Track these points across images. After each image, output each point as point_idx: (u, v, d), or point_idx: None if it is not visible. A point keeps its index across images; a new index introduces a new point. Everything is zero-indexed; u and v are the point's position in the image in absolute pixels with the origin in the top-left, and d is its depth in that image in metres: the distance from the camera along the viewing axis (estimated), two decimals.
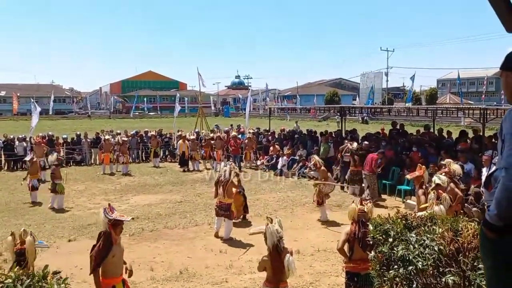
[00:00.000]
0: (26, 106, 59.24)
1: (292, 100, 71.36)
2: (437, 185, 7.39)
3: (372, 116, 44.21)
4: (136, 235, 9.72)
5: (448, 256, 3.44)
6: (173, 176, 17.45)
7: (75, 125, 46.25)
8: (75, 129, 31.88)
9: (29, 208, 12.25)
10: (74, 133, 23.91)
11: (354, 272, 5.46)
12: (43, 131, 24.32)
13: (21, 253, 4.54)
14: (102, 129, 24.63)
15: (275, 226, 5.02)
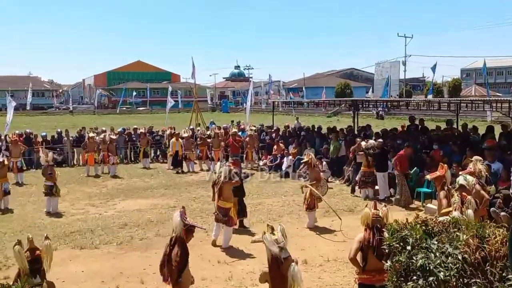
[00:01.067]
0: (1, 100, 59.42)
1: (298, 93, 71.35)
2: (461, 186, 7.39)
3: (388, 110, 44.20)
4: (125, 244, 9.77)
5: (474, 265, 3.44)
6: (165, 178, 17.50)
7: (55, 122, 46.38)
8: (56, 126, 31.98)
9: (2, 216, 12.31)
10: (54, 130, 24.03)
11: (368, 284, 5.47)
12: (19, 128, 24.39)
13: (35, 261, 4.61)
14: (85, 126, 24.69)
15: (273, 236, 5.04)
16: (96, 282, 7.82)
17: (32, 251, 4.72)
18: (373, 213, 5.64)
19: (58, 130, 22.83)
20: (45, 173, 12.71)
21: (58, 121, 49.11)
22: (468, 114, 31.70)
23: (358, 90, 75.67)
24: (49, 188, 12.48)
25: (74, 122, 45.45)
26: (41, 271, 4.65)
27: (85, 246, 9.61)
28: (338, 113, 51.34)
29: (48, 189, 12.49)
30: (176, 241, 5.35)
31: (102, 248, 9.54)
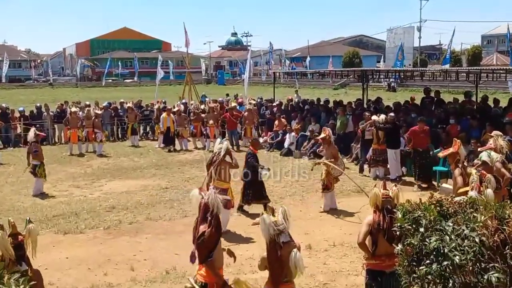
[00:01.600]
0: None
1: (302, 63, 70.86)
2: (483, 163, 7.36)
3: (400, 82, 44.00)
4: (112, 229, 9.85)
5: (492, 249, 3.47)
6: (156, 157, 17.54)
7: (34, 95, 46.21)
8: (34, 101, 31.85)
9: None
10: (33, 105, 23.92)
11: (378, 270, 5.52)
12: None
13: (19, 247, 4.64)
14: (67, 100, 24.60)
15: (273, 218, 5.06)
16: (81, 269, 7.91)
17: (15, 237, 4.74)
18: (383, 194, 5.66)
19: (37, 104, 22.76)
20: (30, 151, 12.69)
21: (37, 94, 48.94)
22: (488, 85, 31.55)
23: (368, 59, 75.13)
24: (33, 168, 12.52)
25: (54, 95, 45.29)
26: (26, 258, 4.68)
27: (69, 231, 9.69)
28: (346, 85, 51.15)
29: (32, 168, 12.55)
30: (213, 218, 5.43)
31: (87, 233, 9.62)
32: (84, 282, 7.39)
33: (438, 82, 26.98)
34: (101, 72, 74.52)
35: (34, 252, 4.78)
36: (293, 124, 18.61)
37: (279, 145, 18.12)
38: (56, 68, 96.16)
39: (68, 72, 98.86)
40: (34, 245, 4.79)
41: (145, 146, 19.56)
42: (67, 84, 70.64)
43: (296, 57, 78.97)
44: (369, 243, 5.60)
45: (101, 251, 8.68)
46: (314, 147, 16.65)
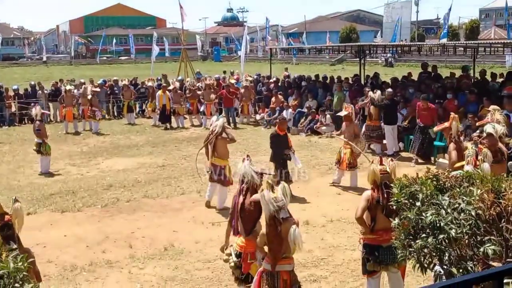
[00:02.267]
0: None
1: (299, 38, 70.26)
2: (488, 135, 7.32)
3: (398, 56, 43.79)
4: (110, 207, 9.89)
5: (488, 222, 3.50)
6: (152, 135, 17.52)
7: (28, 74, 45.84)
8: (29, 79, 31.66)
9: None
10: (27, 83, 23.76)
11: (375, 244, 5.58)
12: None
13: (6, 226, 4.65)
14: (62, 79, 24.44)
15: (273, 194, 5.08)
16: (80, 247, 7.96)
17: (2, 216, 4.73)
18: (381, 170, 5.68)
19: (31, 82, 22.61)
20: (34, 129, 12.74)
21: (31, 72, 48.54)
22: (486, 59, 31.44)
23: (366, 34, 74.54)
24: (38, 146, 12.54)
25: (48, 73, 44.96)
26: (15, 237, 4.69)
27: (67, 209, 9.73)
28: (343, 60, 50.86)
29: (37, 146, 12.57)
30: (248, 190, 5.63)
31: (85, 211, 9.66)
32: (82, 260, 7.45)
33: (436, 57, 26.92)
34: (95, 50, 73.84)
35: (19, 230, 4.78)
36: (290, 100, 18.54)
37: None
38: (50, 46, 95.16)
39: (62, 49, 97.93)
40: (20, 224, 4.79)
41: (141, 124, 19.51)
42: (61, 62, 70.04)
43: (293, 33, 78.32)
44: (367, 218, 5.64)
45: (99, 229, 8.73)
46: (311, 123, 16.65)
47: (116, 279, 6.89)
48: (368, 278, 5.79)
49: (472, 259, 3.50)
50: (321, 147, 14.84)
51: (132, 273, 7.04)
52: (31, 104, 20.53)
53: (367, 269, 5.69)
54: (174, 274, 6.97)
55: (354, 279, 6.61)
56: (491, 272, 1.96)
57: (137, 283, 6.76)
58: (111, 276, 6.99)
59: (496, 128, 7.45)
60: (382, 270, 5.69)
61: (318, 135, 16.20)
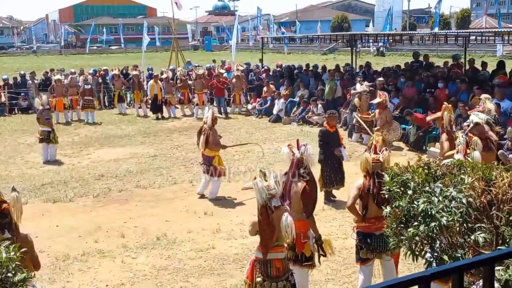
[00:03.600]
0: None
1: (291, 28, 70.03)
2: (476, 125, 7.39)
3: (389, 46, 43.77)
4: (102, 197, 9.87)
5: (479, 209, 3.53)
6: (144, 124, 17.45)
7: (17, 63, 45.36)
8: (18, 68, 31.31)
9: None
10: (17, 73, 23.52)
11: (367, 232, 5.62)
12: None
13: (2, 215, 4.63)
14: (52, 68, 24.21)
15: (265, 182, 5.09)
16: (72, 237, 7.95)
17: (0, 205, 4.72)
18: (373, 158, 5.70)
19: (21, 72, 22.36)
20: (41, 118, 12.71)
21: (20, 62, 48.02)
22: (477, 49, 31.57)
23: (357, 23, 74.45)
24: (47, 134, 12.57)
25: (39, 63, 44.51)
26: (11, 225, 4.68)
27: (59, 199, 9.70)
28: (335, 50, 50.78)
29: (45, 135, 12.58)
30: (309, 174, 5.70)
31: (77, 201, 9.64)
32: (75, 250, 7.44)
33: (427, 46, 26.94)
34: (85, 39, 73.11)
35: (19, 220, 4.77)
36: (282, 90, 18.51)
37: (268, 111, 18.07)
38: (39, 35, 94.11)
39: (52, 39, 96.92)
40: (19, 212, 4.79)
41: (132, 114, 19.40)
42: (51, 51, 69.30)
43: (284, 22, 78.02)
44: (359, 206, 5.67)
45: (91, 219, 8.72)
46: (303, 113, 16.65)
47: (108, 269, 6.89)
48: (361, 266, 5.83)
49: (463, 247, 3.53)
50: (313, 136, 14.74)
51: (124, 263, 7.05)
52: (21, 94, 20.39)
53: (360, 256, 5.73)
54: (167, 264, 6.99)
55: (346, 267, 6.66)
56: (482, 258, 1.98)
57: (129, 273, 6.77)
58: (104, 265, 7.00)
59: (480, 117, 7.52)
60: (375, 257, 5.74)
61: (310, 124, 16.21)
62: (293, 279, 5.24)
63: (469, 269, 2.03)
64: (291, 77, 19.58)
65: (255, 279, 5.13)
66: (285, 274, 5.13)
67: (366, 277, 5.83)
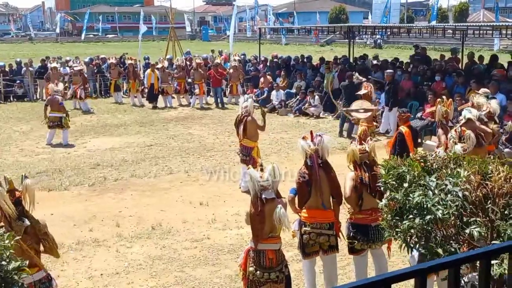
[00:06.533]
0: None
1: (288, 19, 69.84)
2: (468, 120, 7.41)
3: (387, 39, 43.73)
4: (97, 185, 9.85)
5: (474, 203, 3.53)
6: (140, 114, 17.39)
7: (13, 51, 45.08)
8: (14, 56, 31.16)
9: None
10: (13, 60, 23.37)
11: (363, 224, 5.62)
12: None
13: (17, 203, 4.62)
14: (48, 56, 24.05)
15: (258, 173, 5.09)
16: (67, 225, 7.93)
17: (12, 193, 4.68)
18: (360, 149, 5.73)
19: (17, 60, 22.26)
20: (53, 104, 12.98)
21: (16, 50, 47.75)
22: (474, 42, 31.55)
23: (355, 15, 74.23)
24: (59, 120, 12.86)
25: (35, 51, 44.26)
26: (25, 212, 4.68)
27: (53, 188, 9.67)
28: (332, 41, 50.69)
29: (57, 120, 12.89)
30: (326, 164, 5.72)
31: (72, 190, 9.62)
32: (70, 238, 7.43)
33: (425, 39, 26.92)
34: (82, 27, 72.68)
35: (32, 207, 4.77)
36: (279, 81, 18.45)
37: (264, 102, 18.00)
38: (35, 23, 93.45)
39: (48, 26, 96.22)
40: (32, 200, 4.77)
41: (128, 103, 19.31)
42: (47, 39, 68.88)
43: (282, 13, 77.73)
44: (355, 197, 5.67)
45: (86, 207, 8.70)
46: (300, 104, 16.61)
47: (103, 258, 6.88)
48: (355, 257, 5.85)
49: (457, 241, 3.53)
50: (309, 128, 14.81)
51: (119, 252, 7.05)
52: (16, 82, 20.25)
53: (354, 248, 5.74)
54: (162, 253, 6.99)
55: (340, 258, 6.66)
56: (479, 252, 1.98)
57: (124, 262, 6.77)
58: (98, 254, 6.99)
59: (472, 113, 7.54)
60: (368, 248, 5.76)
61: (306, 116, 16.19)
62: (287, 271, 5.26)
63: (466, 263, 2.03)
64: (288, 68, 19.52)
65: (248, 268, 5.15)
66: (278, 265, 5.14)
67: (361, 268, 5.85)
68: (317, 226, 5.60)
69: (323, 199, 5.60)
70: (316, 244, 5.61)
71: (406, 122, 8.76)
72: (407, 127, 8.63)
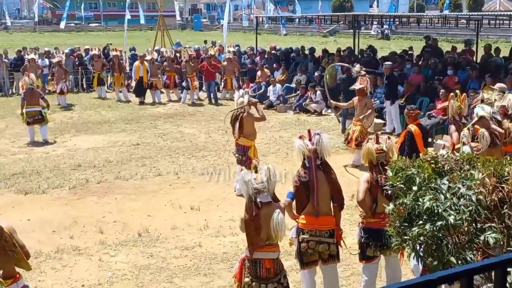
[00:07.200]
0: None
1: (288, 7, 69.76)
2: (480, 118, 7.44)
3: (395, 29, 43.78)
4: (79, 188, 9.83)
5: (489, 208, 3.54)
6: (126, 110, 17.37)
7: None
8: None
9: None
10: None
11: (377, 228, 5.58)
12: None
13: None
14: (25, 46, 23.98)
15: (252, 174, 5.08)
16: (45, 232, 7.92)
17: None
18: (376, 148, 5.72)
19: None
20: (33, 98, 12.96)
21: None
22: (490, 33, 31.57)
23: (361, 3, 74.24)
24: (38, 114, 12.86)
25: (10, 41, 44.07)
26: None
27: (31, 191, 9.65)
28: (336, 32, 50.69)
29: (37, 115, 12.89)
30: (326, 165, 5.73)
31: (51, 193, 9.60)
32: (48, 246, 7.41)
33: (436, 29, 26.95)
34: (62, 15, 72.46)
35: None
36: (277, 75, 18.45)
37: (262, 97, 17.99)
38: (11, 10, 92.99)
39: (25, 14, 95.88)
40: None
41: (113, 98, 19.28)
42: (24, 28, 68.65)
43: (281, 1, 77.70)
44: (368, 201, 5.66)
45: (67, 212, 8.68)
46: (301, 100, 16.61)
47: (85, 267, 6.87)
48: (365, 264, 5.85)
49: (471, 248, 3.54)
50: (311, 126, 14.76)
51: (102, 261, 7.03)
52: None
53: (366, 254, 5.74)
54: (149, 262, 6.98)
55: (344, 268, 6.68)
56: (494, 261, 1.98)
57: (108, 272, 6.76)
58: (80, 263, 6.97)
59: (485, 110, 7.55)
60: (381, 254, 5.76)
61: (307, 113, 16.20)
62: (286, 282, 5.26)
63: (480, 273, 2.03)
64: (288, 61, 19.52)
65: (243, 279, 5.14)
66: (276, 276, 5.13)
67: (371, 277, 5.86)
68: (316, 233, 5.58)
69: (322, 204, 5.59)
70: (315, 253, 5.59)
71: (415, 120, 8.67)
72: (416, 125, 8.56)
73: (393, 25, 39.96)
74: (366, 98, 11.10)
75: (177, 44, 25.82)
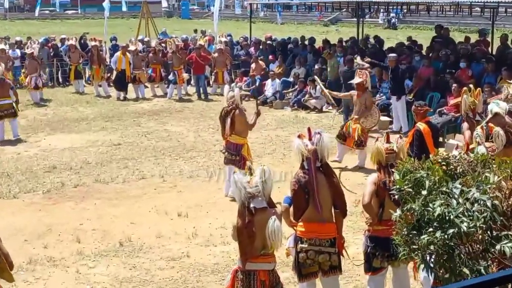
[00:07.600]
0: None
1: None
2: (495, 115, 7.47)
3: (403, 17, 43.90)
4: (54, 193, 9.82)
5: (506, 214, 3.55)
6: (106, 106, 17.36)
7: None
8: None
9: None
10: None
11: (384, 237, 5.54)
12: None
13: None
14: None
15: (245, 177, 5.08)
16: (17, 240, 7.88)
17: None
18: (386, 148, 5.73)
19: None
20: (4, 89, 13.05)
21: None
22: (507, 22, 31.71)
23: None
24: (11, 107, 13.07)
25: None
26: None
27: (0, 196, 9.65)
28: (338, 20, 50.77)
29: (10, 108, 13.08)
30: (327, 167, 5.73)
31: (23, 198, 9.59)
32: (20, 256, 7.35)
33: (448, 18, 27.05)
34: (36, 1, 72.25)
35: None
36: (274, 67, 18.46)
37: (256, 92, 18.00)
38: None
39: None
40: None
41: (92, 93, 19.26)
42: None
43: None
44: (375, 205, 5.67)
45: (40, 219, 8.67)
46: (299, 95, 16.62)
47: (60, 280, 6.86)
48: (371, 277, 5.85)
49: (486, 258, 3.55)
50: (310, 124, 14.83)
51: (80, 273, 7.03)
52: None
53: (373, 266, 5.74)
54: (131, 274, 6.97)
55: (347, 280, 6.69)
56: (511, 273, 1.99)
57: (86, 285, 6.76)
58: (55, 276, 6.97)
59: (501, 106, 7.58)
60: (389, 265, 5.76)
61: (306, 109, 16.21)
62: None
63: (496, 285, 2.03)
64: (285, 53, 19.53)
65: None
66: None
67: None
68: (316, 242, 5.57)
69: (322, 210, 5.58)
70: (315, 264, 5.58)
71: (423, 118, 8.62)
72: (425, 123, 8.53)
73: (400, 13, 40.06)
74: (366, 94, 11.13)
75: (163, 34, 25.80)
